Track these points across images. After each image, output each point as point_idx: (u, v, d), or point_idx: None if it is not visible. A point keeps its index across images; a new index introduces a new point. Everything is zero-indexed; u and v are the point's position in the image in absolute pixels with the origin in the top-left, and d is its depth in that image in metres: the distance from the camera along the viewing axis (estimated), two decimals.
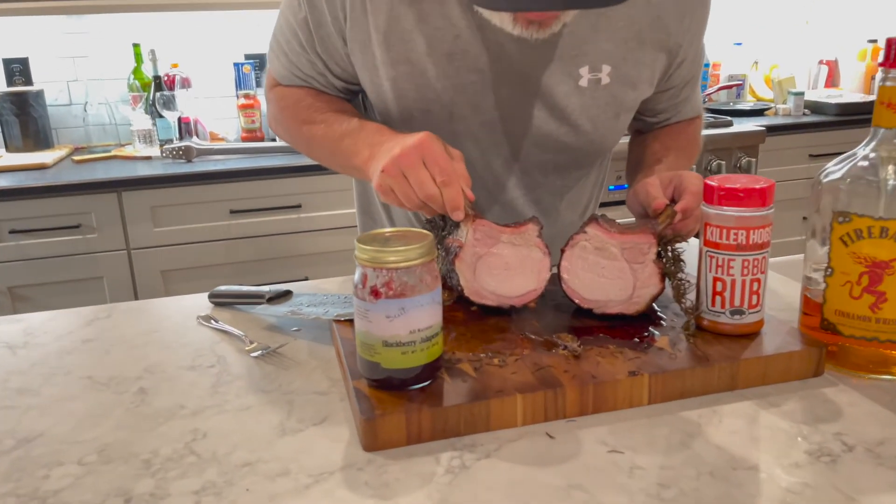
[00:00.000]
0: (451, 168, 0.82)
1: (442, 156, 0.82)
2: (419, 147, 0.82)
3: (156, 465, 0.67)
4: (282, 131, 1.09)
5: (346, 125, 0.96)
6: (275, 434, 0.71)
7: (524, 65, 0.95)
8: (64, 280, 2.18)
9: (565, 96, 0.97)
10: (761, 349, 0.78)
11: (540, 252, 0.87)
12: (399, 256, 0.68)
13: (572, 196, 1.13)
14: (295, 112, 1.04)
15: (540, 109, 0.99)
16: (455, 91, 0.96)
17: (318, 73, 1.02)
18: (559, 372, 0.74)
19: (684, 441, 0.68)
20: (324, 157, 1.03)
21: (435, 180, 0.81)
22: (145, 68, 2.60)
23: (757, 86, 3.28)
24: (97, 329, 0.98)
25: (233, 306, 1.04)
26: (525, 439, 0.69)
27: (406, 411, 0.68)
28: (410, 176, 0.82)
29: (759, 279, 0.80)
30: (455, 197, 0.82)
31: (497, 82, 0.96)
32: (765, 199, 0.77)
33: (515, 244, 0.87)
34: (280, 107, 1.07)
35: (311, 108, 1.02)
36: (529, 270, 0.87)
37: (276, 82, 1.08)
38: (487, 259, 0.86)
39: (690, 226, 0.89)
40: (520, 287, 0.88)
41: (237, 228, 2.28)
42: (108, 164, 2.34)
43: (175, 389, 0.81)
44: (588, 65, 0.95)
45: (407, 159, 0.81)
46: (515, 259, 0.87)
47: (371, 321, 0.70)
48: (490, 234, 0.86)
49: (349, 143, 0.94)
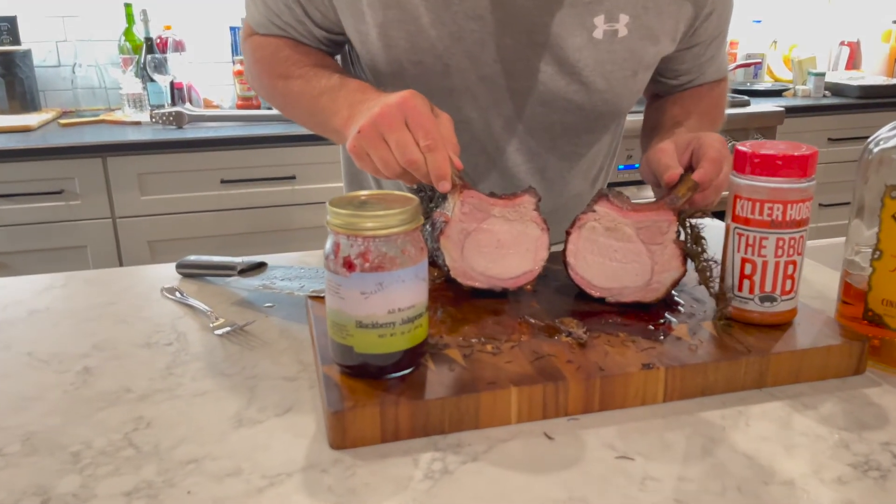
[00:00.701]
0: (437, 131, 0.71)
1: (427, 116, 0.71)
2: (401, 105, 0.71)
3: (86, 460, 0.57)
4: (257, 85, 0.99)
5: (325, 81, 0.85)
6: (230, 425, 0.61)
7: (531, 12, 0.84)
8: (46, 248, 2.08)
9: (577, 49, 0.86)
10: (794, 342, 0.68)
11: (537, 228, 0.77)
12: (377, 222, 0.58)
13: (582, 165, 1.02)
14: (271, 65, 0.93)
15: (548, 63, 0.88)
16: (451, 40, 0.86)
17: (297, 21, 0.91)
18: (561, 362, 0.64)
19: (706, 447, 0.58)
20: (301, 115, 0.92)
21: (418, 144, 0.70)
22: (136, 29, 2.49)
23: (775, 66, 3.15)
24: (49, 299, 0.88)
25: (202, 278, 0.94)
26: (519, 440, 0.59)
27: (381, 403, 0.58)
28: (390, 138, 0.71)
29: (795, 261, 0.69)
30: (441, 164, 0.71)
31: (500, 31, 0.85)
32: (806, 168, 0.67)
33: (509, 219, 0.76)
34: (255, 58, 0.96)
35: (288, 60, 0.91)
36: (525, 249, 0.77)
37: (252, 31, 0.97)
38: (477, 236, 0.76)
39: (710, 198, 0.78)
40: (514, 268, 0.77)
41: (228, 199, 2.18)
42: (96, 129, 2.23)
43: (123, 370, 0.71)
44: (604, 13, 0.84)
45: (387, 119, 0.71)
46: (509, 236, 0.76)
47: (343, 298, 0.60)
48: (480, 206, 0.75)
49: (328, 101, 0.83)
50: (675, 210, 0.74)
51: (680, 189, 0.76)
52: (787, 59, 3.12)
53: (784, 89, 2.89)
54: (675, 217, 0.74)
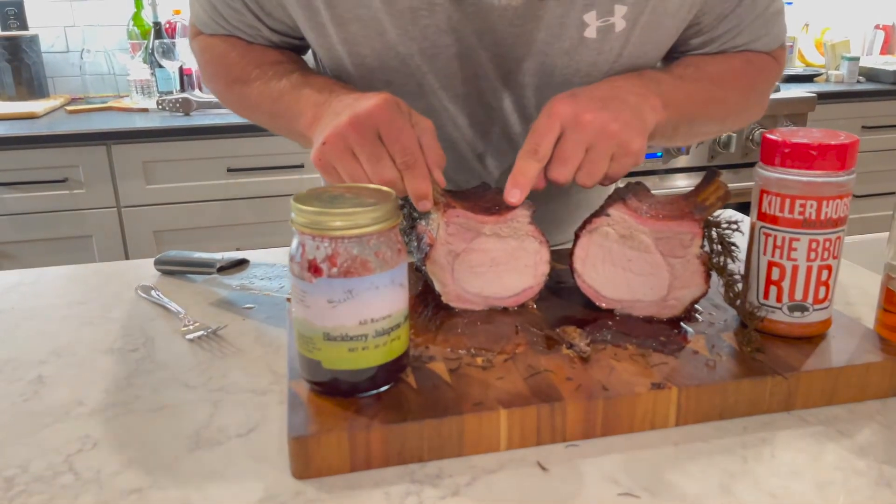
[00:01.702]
0: (414, 145, 0.62)
1: (404, 129, 0.62)
2: (374, 115, 0.61)
3: (18, 486, 0.51)
4: (212, 89, 0.89)
5: (285, 81, 0.76)
6: (184, 447, 0.55)
7: (511, 20, 0.72)
8: (50, 238, 2.04)
9: (566, 54, 0.75)
10: (828, 358, 0.60)
11: (535, 241, 0.68)
12: (346, 221, 0.51)
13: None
14: (224, 68, 0.83)
15: (533, 76, 0.77)
16: (423, 58, 0.75)
17: (248, 26, 0.80)
18: (559, 379, 0.57)
19: (724, 484, 0.50)
20: (264, 120, 0.82)
21: (394, 159, 0.62)
22: (145, 14, 2.43)
23: (806, 50, 3.02)
24: (15, 298, 0.82)
25: (182, 275, 0.87)
26: (508, 471, 0.52)
27: (350, 427, 0.51)
28: (361, 153, 0.62)
29: (831, 266, 0.61)
30: (420, 184, 0.62)
31: (477, 44, 0.75)
32: (844, 159, 0.58)
33: (502, 235, 0.67)
34: (205, 60, 0.86)
35: (241, 61, 0.80)
36: (523, 265, 0.68)
37: (199, 31, 0.87)
38: (467, 256, 0.67)
39: (565, 174, 0.64)
40: (512, 285, 0.69)
41: (235, 188, 2.12)
42: (102, 116, 2.18)
43: (79, 379, 0.65)
44: (595, 9, 0.72)
45: (357, 131, 0.61)
46: (503, 253, 0.68)
47: (309, 307, 0.53)
48: (468, 226, 0.67)
49: (290, 101, 0.74)
50: (701, 221, 0.64)
51: (707, 196, 0.66)
52: (819, 43, 2.99)
53: (816, 74, 2.77)
54: (700, 230, 0.64)
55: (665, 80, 0.73)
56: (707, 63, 0.79)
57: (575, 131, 0.63)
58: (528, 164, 0.64)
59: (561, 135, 0.64)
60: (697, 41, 0.80)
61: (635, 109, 0.66)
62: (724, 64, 0.80)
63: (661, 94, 0.70)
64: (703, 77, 0.77)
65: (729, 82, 0.80)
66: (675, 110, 0.71)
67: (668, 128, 0.71)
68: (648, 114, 0.67)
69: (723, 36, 0.79)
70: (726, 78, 0.80)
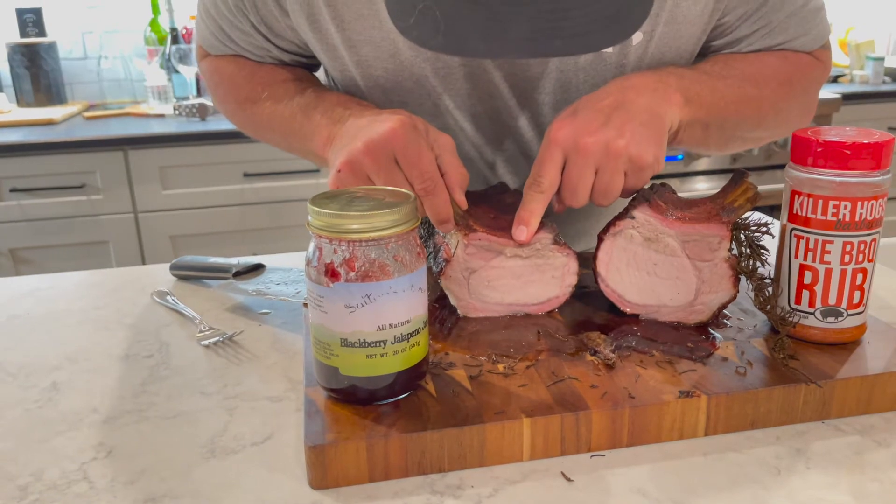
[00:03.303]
0: (433, 170, 0.60)
1: (422, 154, 0.60)
2: (389, 140, 0.59)
3: (33, 495, 0.50)
4: (223, 111, 0.87)
5: (298, 99, 0.74)
6: (199, 456, 0.53)
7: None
8: (68, 243, 2.05)
9: (583, 70, 0.73)
10: (864, 365, 0.58)
11: (561, 255, 0.66)
12: (364, 224, 0.49)
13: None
14: (233, 89, 0.81)
15: (550, 93, 0.75)
16: (437, 79, 0.74)
17: (257, 47, 0.79)
18: (584, 387, 0.55)
19: (756, 495, 0.48)
20: (277, 141, 0.81)
21: (412, 186, 0.60)
22: (162, 20, 2.44)
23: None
24: (31, 303, 0.82)
25: (198, 280, 0.86)
26: (532, 481, 0.50)
27: (368, 437, 0.49)
28: (378, 180, 0.60)
29: (866, 269, 0.58)
30: (441, 209, 0.61)
31: (490, 64, 0.73)
32: (880, 158, 0.56)
33: (524, 257, 0.66)
34: (214, 82, 0.85)
35: (251, 80, 0.79)
36: (549, 277, 0.67)
37: (206, 52, 0.85)
38: (485, 272, 0.66)
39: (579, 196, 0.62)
40: (537, 294, 0.67)
41: (251, 193, 2.12)
42: (119, 122, 2.19)
43: (94, 386, 0.64)
44: None
45: (372, 159, 0.60)
46: (527, 269, 0.66)
47: (326, 312, 0.51)
48: (489, 247, 0.65)
49: (303, 121, 0.72)
50: (729, 224, 0.62)
51: (736, 197, 0.63)
52: (844, 43, 2.94)
53: (840, 75, 2.72)
54: (728, 232, 0.62)
55: (687, 75, 0.70)
56: (737, 60, 0.75)
57: (578, 157, 0.61)
58: (532, 199, 0.62)
59: (566, 161, 0.62)
60: (720, 42, 0.76)
61: (647, 114, 0.62)
62: (756, 61, 0.75)
63: (681, 89, 0.66)
64: (732, 73, 0.73)
65: (763, 79, 0.74)
66: (699, 107, 0.68)
67: (696, 128, 0.68)
68: (666, 112, 0.64)
69: (750, 37, 0.75)
70: (759, 75, 0.74)
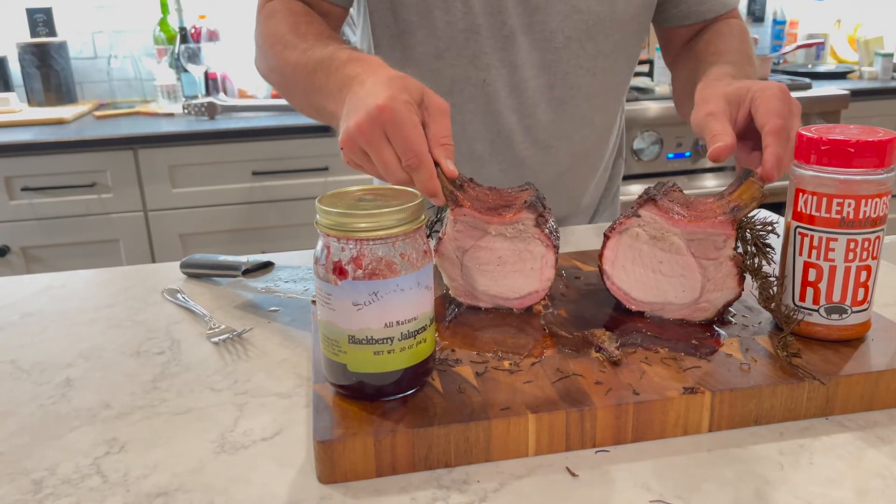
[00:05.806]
0: (418, 145, 0.61)
1: (410, 127, 0.61)
2: (379, 116, 0.61)
3: (47, 489, 0.51)
4: (261, 62, 0.90)
5: (321, 51, 0.76)
6: (210, 451, 0.54)
7: None
8: (78, 242, 2.07)
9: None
10: (867, 362, 0.58)
11: (541, 245, 0.67)
12: (371, 222, 0.50)
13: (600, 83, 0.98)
14: (276, 31, 0.85)
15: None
16: None
17: None
18: (589, 383, 0.56)
19: (760, 491, 0.49)
20: (299, 97, 0.83)
21: (401, 162, 0.62)
22: (171, 19, 2.46)
23: (839, 46, 2.96)
24: (44, 300, 0.83)
25: (208, 278, 0.87)
26: (537, 476, 0.51)
27: (376, 432, 0.50)
28: (373, 156, 0.63)
29: (870, 266, 0.59)
30: (427, 182, 0.62)
31: None
32: (884, 156, 0.56)
33: (507, 236, 0.67)
34: (263, 27, 0.88)
35: (294, 26, 0.83)
36: (529, 268, 0.67)
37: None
38: (476, 253, 0.67)
39: (776, 175, 0.64)
40: (518, 287, 0.68)
41: (260, 191, 2.13)
42: (129, 121, 2.21)
43: (106, 382, 0.65)
44: None
45: (365, 134, 0.62)
46: (510, 252, 0.67)
47: (334, 309, 0.52)
48: (474, 224, 0.66)
49: (322, 78, 0.74)
50: (735, 222, 0.62)
51: (742, 196, 0.63)
52: (853, 39, 2.93)
53: (849, 71, 2.71)
54: (734, 231, 0.62)
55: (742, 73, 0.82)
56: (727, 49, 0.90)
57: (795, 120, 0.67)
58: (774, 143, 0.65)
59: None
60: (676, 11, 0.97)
61: None
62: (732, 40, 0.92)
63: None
64: (739, 58, 0.87)
65: (748, 45, 0.94)
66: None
67: None
68: None
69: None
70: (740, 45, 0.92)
